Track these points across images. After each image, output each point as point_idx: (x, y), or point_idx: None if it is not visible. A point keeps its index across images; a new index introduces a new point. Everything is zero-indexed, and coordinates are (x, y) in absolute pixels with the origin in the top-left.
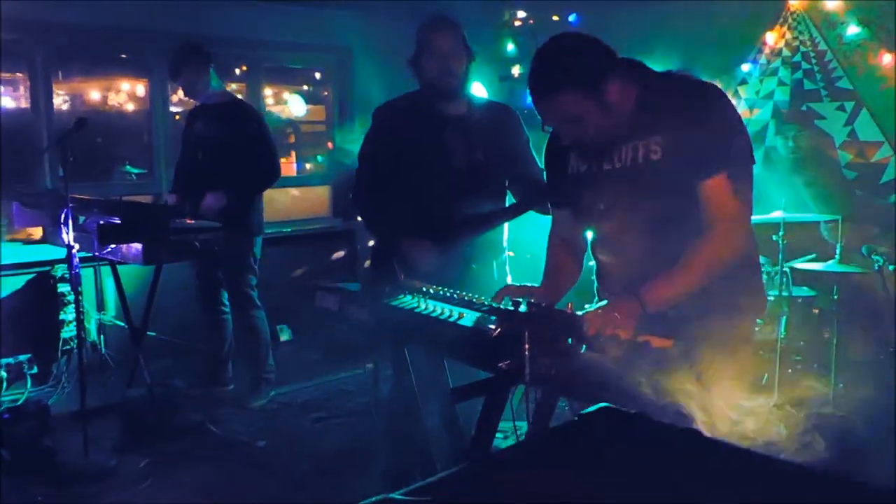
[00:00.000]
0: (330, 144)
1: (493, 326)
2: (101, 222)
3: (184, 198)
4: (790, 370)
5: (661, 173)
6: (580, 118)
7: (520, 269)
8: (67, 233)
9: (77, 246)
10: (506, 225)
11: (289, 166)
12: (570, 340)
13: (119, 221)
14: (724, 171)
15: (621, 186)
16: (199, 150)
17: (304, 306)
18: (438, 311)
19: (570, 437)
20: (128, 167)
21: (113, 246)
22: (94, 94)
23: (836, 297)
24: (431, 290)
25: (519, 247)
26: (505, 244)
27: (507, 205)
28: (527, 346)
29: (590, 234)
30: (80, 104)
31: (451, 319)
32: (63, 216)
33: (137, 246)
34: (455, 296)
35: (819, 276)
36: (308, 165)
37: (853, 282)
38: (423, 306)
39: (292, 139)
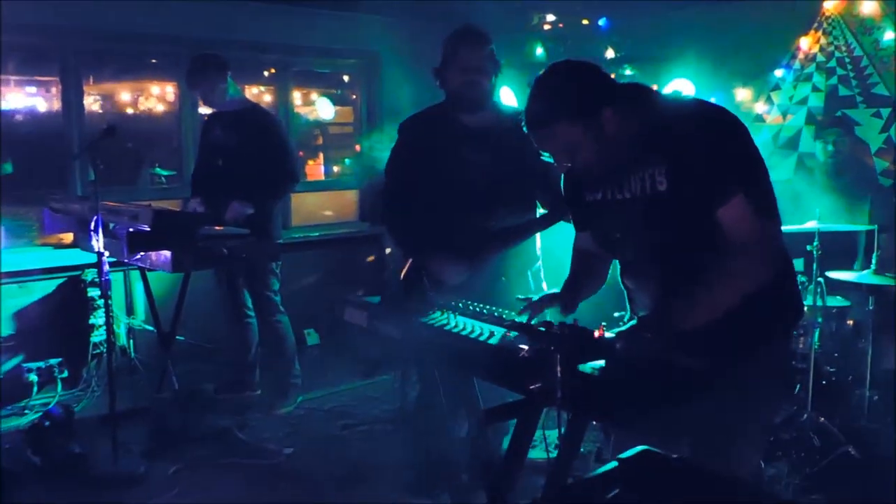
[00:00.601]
0: (357, 148)
1: (522, 347)
2: (131, 229)
3: (207, 204)
4: (824, 381)
5: (669, 204)
6: (572, 149)
7: (553, 276)
8: (97, 239)
9: (107, 252)
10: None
11: (317, 169)
12: (601, 362)
13: (148, 229)
14: (740, 193)
15: (632, 217)
16: (219, 157)
17: (332, 311)
18: (468, 328)
19: (609, 486)
20: (157, 169)
21: (142, 253)
22: (125, 98)
23: (871, 307)
24: (461, 306)
25: (549, 253)
26: (538, 252)
27: (537, 215)
28: (559, 369)
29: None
30: (110, 108)
31: (481, 338)
32: (93, 223)
33: (166, 253)
34: (485, 312)
35: (855, 287)
36: (336, 168)
37: (890, 292)
38: (452, 323)
39: (320, 141)
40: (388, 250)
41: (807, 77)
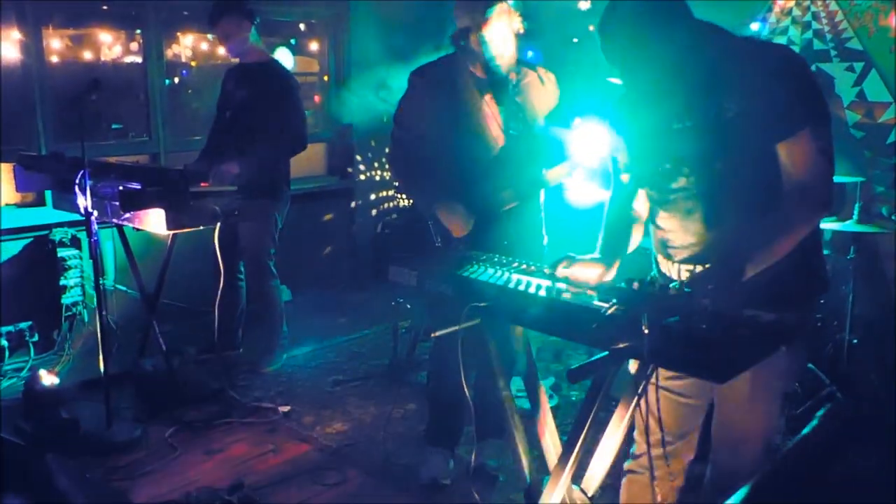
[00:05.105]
0: (318, 99)
1: (604, 304)
2: (122, 188)
3: (211, 158)
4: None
5: (734, 132)
6: (646, 64)
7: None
8: (85, 198)
9: (96, 212)
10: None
11: None
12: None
13: (140, 187)
14: (807, 128)
15: (691, 145)
16: (228, 109)
17: (303, 265)
18: (532, 286)
19: None
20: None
21: (131, 213)
22: (87, 49)
23: (852, 255)
24: (504, 261)
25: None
26: (542, 207)
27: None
28: (646, 326)
29: (647, 201)
30: (71, 60)
31: (554, 296)
32: (78, 180)
33: (159, 212)
34: (535, 267)
35: (837, 235)
36: None
37: (871, 241)
38: (512, 281)
39: None
40: (353, 204)
41: (782, 31)
